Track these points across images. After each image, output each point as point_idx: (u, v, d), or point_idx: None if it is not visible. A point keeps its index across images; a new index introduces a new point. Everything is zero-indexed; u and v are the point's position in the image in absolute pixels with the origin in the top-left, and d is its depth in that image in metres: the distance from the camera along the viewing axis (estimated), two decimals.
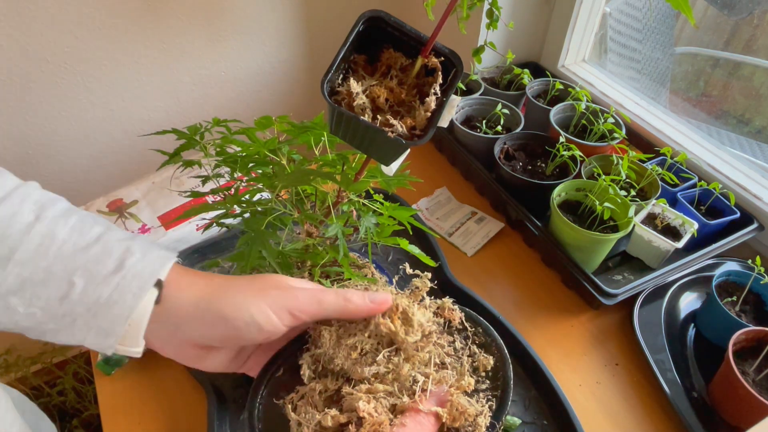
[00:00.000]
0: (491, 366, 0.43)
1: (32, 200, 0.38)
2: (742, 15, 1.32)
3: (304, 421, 0.39)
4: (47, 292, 0.36)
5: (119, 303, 0.37)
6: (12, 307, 0.36)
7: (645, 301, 0.76)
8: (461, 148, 0.97)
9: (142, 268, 0.38)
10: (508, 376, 0.42)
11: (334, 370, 0.42)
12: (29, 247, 0.36)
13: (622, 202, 0.77)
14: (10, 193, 0.38)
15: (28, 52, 0.92)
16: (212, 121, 0.55)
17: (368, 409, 0.37)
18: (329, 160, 0.53)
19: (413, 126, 0.40)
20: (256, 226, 0.48)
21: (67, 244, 0.37)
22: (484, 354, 0.43)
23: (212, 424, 0.62)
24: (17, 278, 0.36)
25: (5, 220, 0.36)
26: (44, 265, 0.36)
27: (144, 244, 0.40)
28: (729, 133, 1.38)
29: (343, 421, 0.39)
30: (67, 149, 1.07)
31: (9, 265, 0.36)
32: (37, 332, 0.38)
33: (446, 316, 0.46)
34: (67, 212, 0.39)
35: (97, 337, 0.37)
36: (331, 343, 0.42)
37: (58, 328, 0.37)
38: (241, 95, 1.20)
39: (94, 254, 0.37)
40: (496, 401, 0.41)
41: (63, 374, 1.31)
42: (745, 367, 0.65)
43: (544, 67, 1.15)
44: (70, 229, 0.38)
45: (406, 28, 0.40)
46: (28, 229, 0.37)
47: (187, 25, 1.03)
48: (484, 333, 0.46)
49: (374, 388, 0.39)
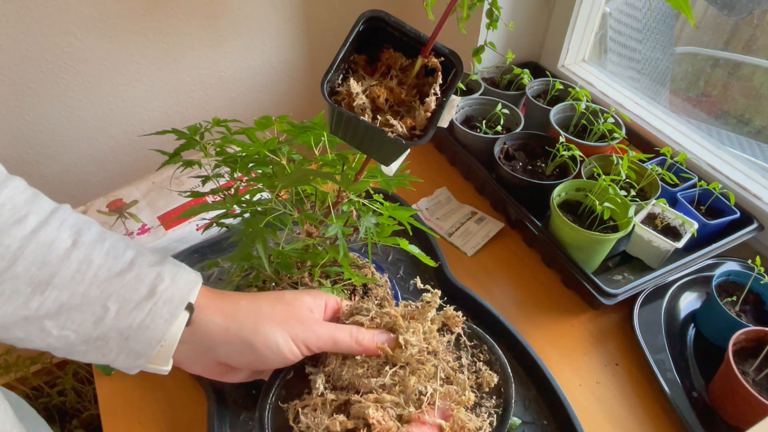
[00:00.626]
0: (494, 383, 0.44)
1: (68, 225, 0.40)
2: (742, 15, 1.32)
3: (312, 425, 0.40)
4: (82, 317, 0.38)
5: (151, 328, 0.39)
6: (47, 330, 0.38)
7: (645, 301, 0.76)
8: (461, 148, 0.97)
9: (172, 294, 0.40)
10: (510, 394, 0.44)
11: (342, 386, 0.44)
12: (67, 273, 0.38)
13: (622, 202, 0.77)
14: (48, 219, 0.39)
15: (28, 52, 0.92)
16: (212, 121, 0.55)
17: (377, 416, 0.38)
18: (329, 160, 0.53)
19: (413, 126, 0.40)
20: (256, 224, 0.49)
21: (102, 270, 0.39)
22: (489, 371, 0.45)
23: (212, 424, 0.62)
24: (55, 302, 0.37)
25: (46, 246, 0.38)
26: (81, 290, 0.38)
27: (173, 268, 0.42)
28: (729, 133, 1.38)
29: (350, 427, 0.40)
30: (67, 149, 1.07)
31: (48, 290, 0.37)
32: (65, 352, 0.40)
33: (451, 324, 0.47)
34: (101, 237, 0.41)
35: (128, 359, 0.40)
36: (338, 362, 0.45)
37: (88, 349, 0.39)
38: (241, 95, 1.20)
39: (128, 281, 0.39)
40: (497, 418, 0.42)
41: (63, 374, 1.31)
42: (745, 367, 0.65)
43: (544, 67, 1.15)
44: (105, 254, 0.40)
45: (406, 28, 0.40)
46: (66, 255, 0.38)
47: (187, 25, 1.03)
48: (489, 350, 0.47)
49: (382, 397, 0.40)
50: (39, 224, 0.38)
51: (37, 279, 0.37)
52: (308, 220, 0.53)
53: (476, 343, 0.48)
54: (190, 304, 0.41)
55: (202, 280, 0.44)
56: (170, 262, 0.43)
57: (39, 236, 0.38)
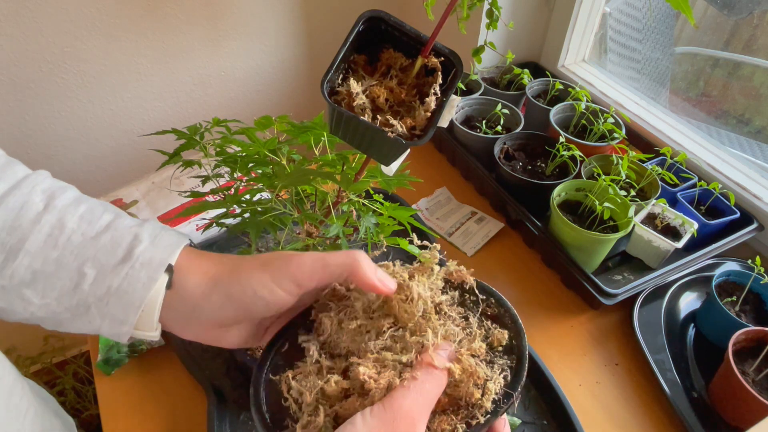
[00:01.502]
0: (506, 341, 0.41)
1: (41, 189, 0.38)
2: (742, 15, 1.32)
3: (305, 390, 0.38)
4: (60, 283, 0.36)
5: (129, 293, 0.37)
6: (27, 298, 0.36)
7: (645, 301, 0.76)
8: (461, 148, 0.97)
9: (150, 257, 0.38)
10: (523, 346, 0.41)
11: (339, 353, 0.41)
12: (39, 237, 0.36)
13: (622, 202, 0.77)
14: (20, 182, 0.38)
15: (28, 52, 0.92)
16: (212, 121, 0.55)
17: (369, 373, 0.36)
18: (329, 160, 0.53)
19: (413, 126, 0.40)
20: (256, 217, 0.48)
21: (76, 234, 0.37)
22: (498, 329, 0.42)
23: (212, 424, 0.62)
24: (28, 270, 0.36)
25: (15, 210, 0.36)
26: (55, 256, 0.36)
27: (154, 230, 0.40)
28: (729, 133, 1.38)
29: (346, 387, 0.38)
30: (67, 149, 1.07)
31: (20, 256, 0.35)
32: (53, 322, 0.38)
33: (456, 279, 0.44)
34: (77, 201, 0.39)
35: (112, 325, 0.37)
36: (333, 328, 0.41)
37: (73, 316, 0.37)
38: (241, 95, 1.20)
39: (103, 244, 0.37)
40: (511, 372, 0.39)
41: (63, 374, 1.31)
42: (745, 367, 0.65)
43: (544, 67, 1.15)
44: (79, 218, 0.38)
45: (406, 27, 0.40)
46: (37, 219, 0.36)
47: (187, 25, 1.03)
48: (497, 304, 0.44)
49: (383, 356, 0.38)
50: (9, 189, 0.37)
51: (8, 245, 0.35)
52: (308, 219, 0.53)
53: (483, 298, 0.44)
54: (170, 266, 0.38)
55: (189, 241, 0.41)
56: (151, 224, 0.40)
57: (8, 200, 0.36)
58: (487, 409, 0.37)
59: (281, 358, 0.43)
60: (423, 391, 0.34)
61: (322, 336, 0.42)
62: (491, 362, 0.40)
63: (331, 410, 0.37)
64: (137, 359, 0.71)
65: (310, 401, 0.37)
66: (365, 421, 0.33)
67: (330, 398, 0.38)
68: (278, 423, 0.39)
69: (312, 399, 0.37)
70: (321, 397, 0.38)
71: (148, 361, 0.71)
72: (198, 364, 0.70)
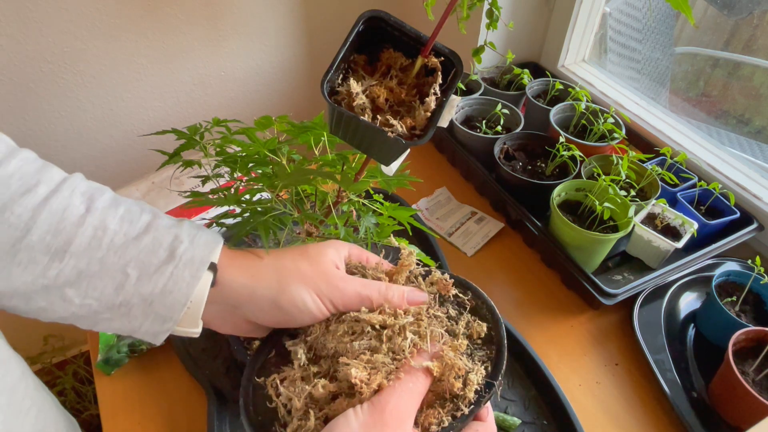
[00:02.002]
0: (485, 332, 0.43)
1: (80, 191, 0.39)
2: (741, 15, 1.32)
3: (293, 395, 0.39)
4: (102, 284, 0.38)
5: (174, 291, 0.38)
6: (68, 298, 0.37)
7: (645, 301, 0.76)
8: (461, 148, 0.97)
9: (192, 255, 0.39)
10: (501, 335, 0.42)
11: (327, 354, 0.42)
12: (83, 239, 0.37)
13: (622, 202, 0.77)
14: (59, 186, 0.39)
15: (28, 52, 0.92)
16: (212, 121, 0.55)
17: (360, 375, 0.37)
18: (329, 160, 0.53)
19: (413, 126, 0.40)
20: (258, 217, 0.49)
21: (119, 235, 0.38)
22: (478, 321, 0.43)
23: (212, 424, 0.62)
24: (73, 270, 0.37)
25: (59, 213, 0.37)
26: (99, 257, 0.37)
27: (191, 230, 0.41)
28: (729, 133, 1.38)
29: (333, 390, 0.39)
30: (66, 149, 1.07)
31: (65, 258, 0.37)
32: (90, 321, 0.39)
33: (440, 289, 0.46)
34: (115, 202, 0.41)
35: (154, 324, 0.39)
36: (321, 330, 0.43)
37: (113, 317, 0.39)
38: (241, 95, 1.20)
39: (145, 245, 0.39)
40: (490, 363, 0.41)
41: (63, 374, 1.31)
42: (745, 367, 0.65)
43: (544, 67, 1.15)
44: (120, 219, 0.39)
45: (406, 27, 0.40)
46: (81, 221, 0.38)
47: (187, 26, 1.03)
48: (474, 296, 0.45)
49: (373, 359, 0.39)
50: (50, 192, 0.38)
51: (53, 247, 0.37)
52: (308, 219, 0.53)
53: (460, 291, 0.46)
54: (213, 264, 0.40)
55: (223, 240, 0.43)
56: (188, 223, 0.42)
57: (51, 204, 0.37)
58: (470, 399, 0.38)
59: (268, 364, 0.44)
60: (407, 389, 0.37)
61: (310, 337, 0.43)
62: (471, 354, 0.42)
63: (321, 413, 0.38)
64: (137, 359, 0.71)
65: (300, 406, 0.38)
66: (357, 416, 0.35)
67: (318, 402, 0.39)
68: (266, 428, 0.40)
69: (301, 404, 0.39)
70: (310, 402, 0.39)
71: (148, 361, 0.71)
72: (198, 364, 0.70)
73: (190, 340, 0.72)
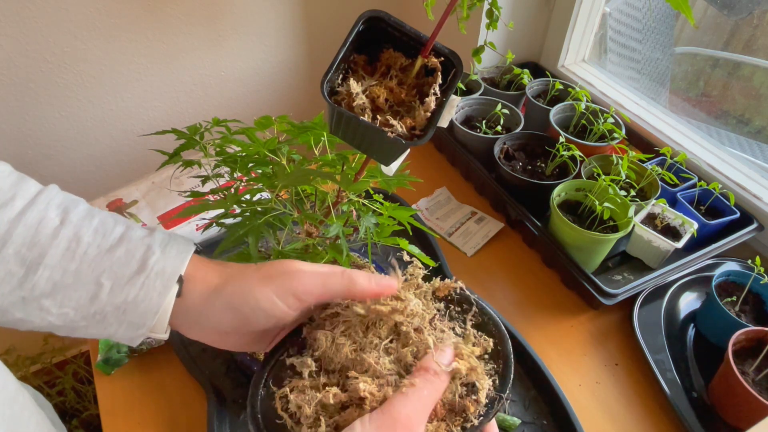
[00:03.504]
0: (491, 348, 0.43)
1: (55, 204, 0.40)
2: (741, 15, 1.32)
3: (303, 402, 0.39)
4: (77, 294, 0.38)
5: (146, 301, 0.39)
6: (46, 309, 0.38)
7: (645, 301, 0.76)
8: (461, 148, 0.97)
9: (163, 267, 0.40)
10: (508, 350, 0.43)
11: (334, 369, 0.42)
12: (57, 251, 0.38)
13: (621, 202, 0.77)
14: (34, 199, 0.40)
15: (28, 52, 0.92)
16: (212, 121, 0.55)
17: (369, 389, 0.37)
18: (329, 160, 0.53)
19: (413, 126, 0.40)
20: (254, 221, 0.49)
21: (92, 247, 0.39)
22: (484, 337, 0.43)
23: (212, 424, 0.62)
24: (48, 282, 0.38)
25: (34, 227, 0.38)
26: (73, 269, 0.38)
27: (163, 239, 0.42)
28: (729, 133, 1.38)
29: (344, 400, 0.38)
30: (66, 149, 1.07)
31: (40, 269, 0.38)
32: (67, 330, 0.40)
33: (442, 294, 0.46)
34: (90, 214, 0.41)
35: (128, 331, 0.40)
36: (327, 344, 0.42)
37: (89, 324, 0.40)
38: (241, 95, 1.20)
39: (118, 256, 0.40)
40: (498, 377, 0.41)
41: (63, 374, 1.31)
42: (745, 367, 0.65)
43: (543, 67, 1.15)
44: (94, 231, 0.40)
45: (406, 27, 0.40)
46: (55, 234, 0.39)
47: (187, 25, 1.03)
48: (480, 313, 0.45)
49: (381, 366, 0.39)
50: (26, 206, 0.39)
51: (28, 260, 0.37)
52: (308, 219, 0.53)
53: (465, 308, 0.46)
54: (181, 276, 0.41)
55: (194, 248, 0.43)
56: (160, 233, 0.43)
57: (26, 217, 0.38)
58: (480, 411, 0.38)
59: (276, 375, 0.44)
60: (421, 397, 0.35)
61: (317, 352, 0.42)
62: None
63: (331, 421, 0.38)
64: (137, 359, 0.71)
65: (310, 413, 0.38)
66: (364, 427, 0.33)
67: (328, 410, 0.39)
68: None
69: (312, 411, 0.38)
70: (320, 410, 0.39)
71: (148, 361, 0.71)
72: (198, 364, 0.70)
73: (190, 340, 0.72)
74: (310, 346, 0.44)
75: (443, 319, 0.45)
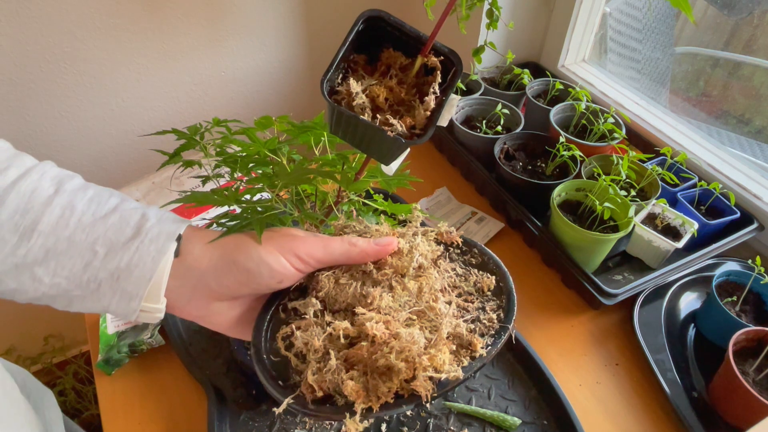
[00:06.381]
0: (494, 285, 0.45)
1: (50, 176, 0.41)
2: (742, 15, 1.32)
3: (309, 338, 0.39)
4: (71, 262, 0.38)
5: (140, 266, 0.39)
6: (38, 278, 0.38)
7: (645, 301, 0.76)
8: (461, 148, 0.96)
9: (159, 231, 0.40)
10: (510, 285, 0.44)
11: (339, 309, 0.42)
12: (51, 218, 0.38)
13: (622, 202, 0.77)
14: (30, 170, 0.40)
15: (28, 52, 0.92)
16: (212, 121, 0.55)
17: (378, 328, 0.38)
18: (329, 160, 0.53)
19: (413, 125, 0.40)
20: (255, 215, 0.49)
21: (86, 215, 0.39)
22: (486, 275, 0.45)
23: (212, 424, 0.62)
24: (41, 249, 0.38)
25: (27, 195, 0.38)
26: (66, 235, 0.38)
27: (158, 212, 0.42)
28: (729, 133, 1.38)
29: (353, 335, 0.39)
30: (66, 149, 1.07)
31: (33, 236, 0.37)
32: (64, 301, 0.40)
33: (446, 240, 0.47)
34: (84, 186, 0.42)
35: (122, 301, 0.39)
36: (331, 285, 0.43)
37: (84, 294, 0.39)
38: (241, 95, 1.20)
39: (112, 223, 0.40)
40: (502, 311, 0.43)
41: (63, 374, 1.31)
42: (745, 367, 0.65)
43: (544, 67, 1.15)
44: (89, 200, 0.40)
45: (405, 27, 0.40)
46: (48, 201, 0.39)
47: (187, 25, 1.03)
48: (480, 253, 0.47)
49: (386, 306, 0.40)
50: (19, 176, 0.39)
51: (21, 226, 0.37)
52: (308, 219, 0.53)
53: (465, 250, 0.48)
54: (179, 235, 0.41)
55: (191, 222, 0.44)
56: (155, 207, 0.43)
57: (20, 185, 0.38)
58: (487, 342, 0.40)
59: (278, 320, 0.44)
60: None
61: (321, 292, 0.43)
62: (483, 306, 0.43)
63: (340, 354, 0.38)
64: (137, 359, 0.71)
65: (318, 346, 0.38)
66: None
67: (336, 345, 0.39)
68: (282, 376, 0.40)
69: (320, 344, 0.38)
70: (328, 343, 0.39)
71: (149, 361, 0.71)
72: (198, 364, 0.70)
73: (190, 340, 0.72)
74: (313, 288, 0.44)
75: (446, 260, 0.46)
